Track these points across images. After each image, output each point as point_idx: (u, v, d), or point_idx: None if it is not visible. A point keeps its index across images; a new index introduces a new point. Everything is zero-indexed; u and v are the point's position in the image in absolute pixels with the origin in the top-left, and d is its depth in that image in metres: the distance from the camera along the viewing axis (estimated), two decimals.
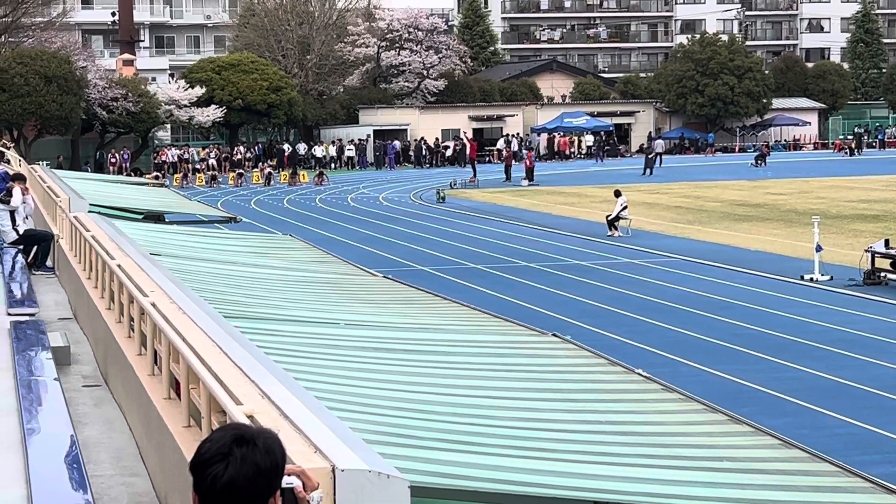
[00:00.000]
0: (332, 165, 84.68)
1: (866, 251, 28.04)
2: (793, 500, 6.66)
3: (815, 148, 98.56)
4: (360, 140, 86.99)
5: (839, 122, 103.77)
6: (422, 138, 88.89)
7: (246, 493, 3.67)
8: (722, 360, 19.44)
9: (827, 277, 27.70)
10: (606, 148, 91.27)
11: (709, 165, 78.03)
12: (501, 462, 6.61)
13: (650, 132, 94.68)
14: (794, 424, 14.94)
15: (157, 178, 50.06)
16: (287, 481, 4.00)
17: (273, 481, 3.74)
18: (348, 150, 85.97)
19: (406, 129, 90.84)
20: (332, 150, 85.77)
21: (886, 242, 28.13)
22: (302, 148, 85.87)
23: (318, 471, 5.31)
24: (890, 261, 27.29)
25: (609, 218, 38.57)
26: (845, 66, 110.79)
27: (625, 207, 38.68)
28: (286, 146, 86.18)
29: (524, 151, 79.78)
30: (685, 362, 19.32)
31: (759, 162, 75.13)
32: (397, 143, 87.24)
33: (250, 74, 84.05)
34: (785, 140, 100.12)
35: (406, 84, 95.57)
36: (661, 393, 8.79)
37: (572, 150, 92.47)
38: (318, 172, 71.00)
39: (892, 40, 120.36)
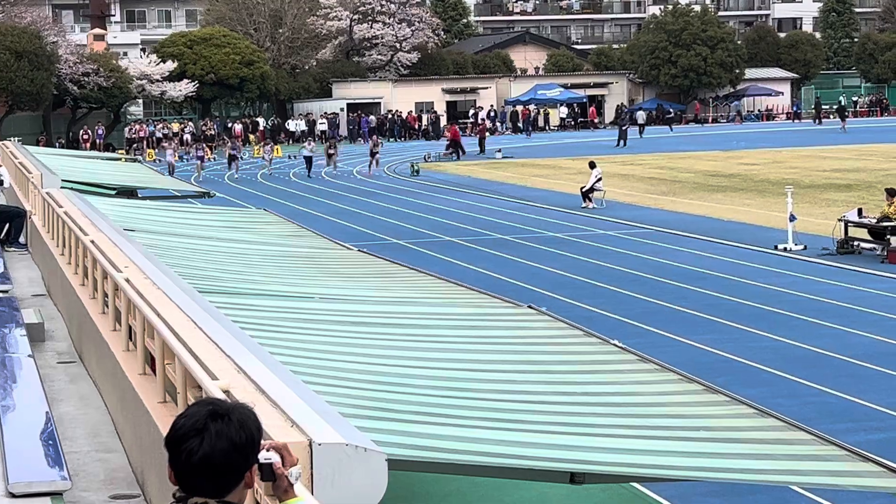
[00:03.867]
0: (305, 139, 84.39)
1: (839, 220, 28.14)
2: (769, 468, 6.69)
3: (788, 118, 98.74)
4: (332, 114, 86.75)
5: (812, 92, 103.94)
6: (395, 111, 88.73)
7: (221, 467, 3.67)
8: (697, 330, 19.50)
9: (801, 247, 27.80)
10: (573, 121, 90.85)
11: (682, 136, 78.10)
12: (478, 434, 6.61)
13: (619, 104, 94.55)
14: (769, 394, 15.01)
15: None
16: (266, 457, 4.00)
17: (249, 455, 3.74)
18: (321, 123, 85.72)
19: (379, 103, 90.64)
20: (302, 124, 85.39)
21: (859, 211, 28.24)
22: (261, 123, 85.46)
23: (295, 445, 5.30)
24: (864, 229, 27.41)
25: (583, 190, 38.59)
26: (817, 35, 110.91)
27: (599, 179, 38.71)
28: (261, 120, 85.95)
29: (484, 121, 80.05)
30: (661, 333, 19.37)
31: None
32: (372, 118, 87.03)
33: (222, 49, 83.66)
34: (758, 110, 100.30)
35: (379, 57, 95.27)
36: (636, 363, 8.80)
37: (545, 124, 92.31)
38: (328, 144, 61.53)
39: (865, 9, 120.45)
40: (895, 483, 6.54)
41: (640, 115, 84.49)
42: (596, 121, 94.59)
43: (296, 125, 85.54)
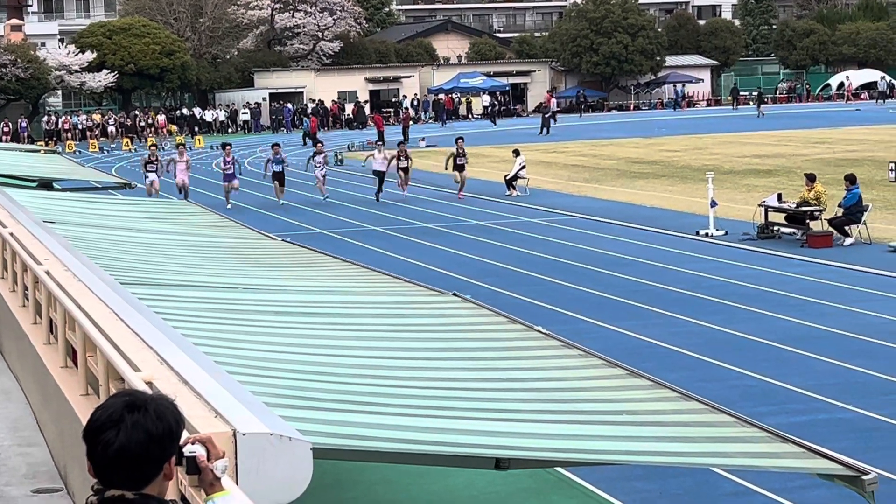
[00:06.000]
0: (227, 129, 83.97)
1: (760, 206, 28.44)
2: (690, 450, 6.75)
3: (709, 105, 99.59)
4: (255, 104, 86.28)
5: (731, 79, 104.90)
6: (318, 100, 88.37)
7: (139, 458, 3.64)
8: (621, 316, 19.63)
9: (722, 232, 28.07)
10: (493, 109, 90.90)
11: (604, 123, 78.51)
12: (403, 422, 6.62)
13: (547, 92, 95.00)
14: (692, 377, 15.15)
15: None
16: (189, 450, 3.97)
17: (167, 447, 3.71)
18: (243, 113, 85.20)
19: (302, 92, 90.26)
20: (221, 115, 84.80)
21: (779, 196, 28.54)
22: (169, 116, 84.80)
23: (219, 435, 5.28)
24: (783, 215, 27.72)
25: (507, 177, 38.69)
26: (737, 22, 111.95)
27: (523, 167, 38.82)
28: (184, 110, 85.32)
29: (408, 110, 80.00)
30: (585, 319, 19.48)
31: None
32: (290, 105, 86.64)
33: (142, 38, 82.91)
34: (680, 97, 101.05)
35: (301, 46, 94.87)
36: (560, 349, 8.85)
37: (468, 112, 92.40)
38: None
39: None
40: (815, 463, 6.63)
41: (553, 103, 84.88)
42: (517, 108, 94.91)
43: (213, 115, 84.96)
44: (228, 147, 37.95)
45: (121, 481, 3.66)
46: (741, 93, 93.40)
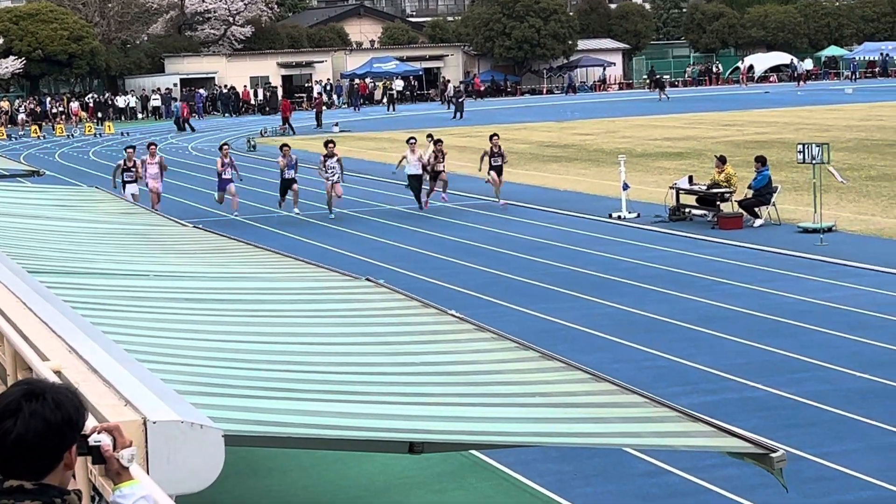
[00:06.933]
0: (139, 115, 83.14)
1: (671, 188, 28.71)
2: (603, 431, 6.80)
3: (621, 88, 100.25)
4: (166, 89, 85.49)
5: (643, 62, 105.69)
6: (230, 86, 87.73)
7: (37, 448, 3.61)
8: (535, 299, 19.71)
9: (634, 215, 28.29)
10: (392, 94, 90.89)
11: (517, 108, 78.78)
12: (316, 407, 6.60)
13: (444, 78, 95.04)
14: (605, 359, 15.26)
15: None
16: (95, 439, 3.93)
17: (66, 436, 3.67)
18: (154, 99, 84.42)
19: (213, 78, 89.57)
20: (132, 101, 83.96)
21: (690, 179, 28.83)
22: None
23: (129, 423, 5.23)
24: (694, 197, 27.99)
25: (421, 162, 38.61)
26: (647, 6, 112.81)
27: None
28: (92, 96, 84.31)
29: (321, 95, 79.65)
30: (500, 303, 19.54)
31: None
32: (202, 91, 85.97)
33: (49, 24, 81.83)
34: (592, 81, 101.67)
35: (212, 31, 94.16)
36: (474, 333, 8.86)
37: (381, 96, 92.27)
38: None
39: None
40: (725, 442, 6.71)
41: (451, 88, 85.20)
42: (430, 92, 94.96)
43: (125, 101, 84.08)
44: (226, 147, 31.54)
45: (20, 471, 3.62)
46: (657, 75, 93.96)
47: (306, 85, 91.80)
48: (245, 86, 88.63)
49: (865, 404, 13.33)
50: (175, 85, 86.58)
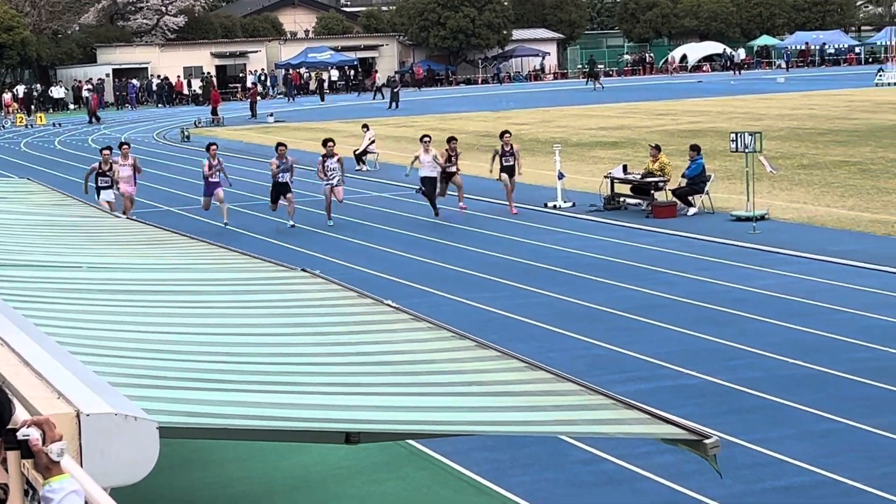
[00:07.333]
0: (70, 106, 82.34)
1: (606, 177, 28.84)
2: (538, 419, 6.82)
3: (556, 78, 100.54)
4: (98, 80, 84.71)
5: (577, 52, 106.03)
6: (163, 76, 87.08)
7: None
8: (472, 288, 19.75)
9: (569, 204, 28.40)
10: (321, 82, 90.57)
11: (452, 97, 78.79)
12: (251, 398, 6.57)
13: (374, 69, 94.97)
14: (541, 348, 15.32)
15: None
16: (23, 433, 3.89)
17: None
18: (86, 90, 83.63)
19: (146, 68, 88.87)
20: (63, 92, 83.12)
21: (624, 168, 28.98)
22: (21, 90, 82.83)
23: (62, 416, 5.18)
24: (629, 186, 28.14)
25: (357, 152, 38.60)
26: None
27: (372, 141, 38.78)
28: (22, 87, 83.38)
29: (255, 85, 79.40)
30: (436, 292, 19.56)
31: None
32: (136, 81, 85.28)
33: None
34: (528, 71, 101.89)
35: (145, 21, 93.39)
36: (410, 322, 8.86)
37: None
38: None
39: None
40: (659, 429, 6.75)
41: (380, 78, 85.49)
42: (366, 82, 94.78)
43: (59, 92, 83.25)
44: (214, 147, 28.95)
45: None
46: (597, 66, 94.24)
47: (240, 75, 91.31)
48: (178, 76, 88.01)
49: (799, 391, 13.47)
50: (107, 75, 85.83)
